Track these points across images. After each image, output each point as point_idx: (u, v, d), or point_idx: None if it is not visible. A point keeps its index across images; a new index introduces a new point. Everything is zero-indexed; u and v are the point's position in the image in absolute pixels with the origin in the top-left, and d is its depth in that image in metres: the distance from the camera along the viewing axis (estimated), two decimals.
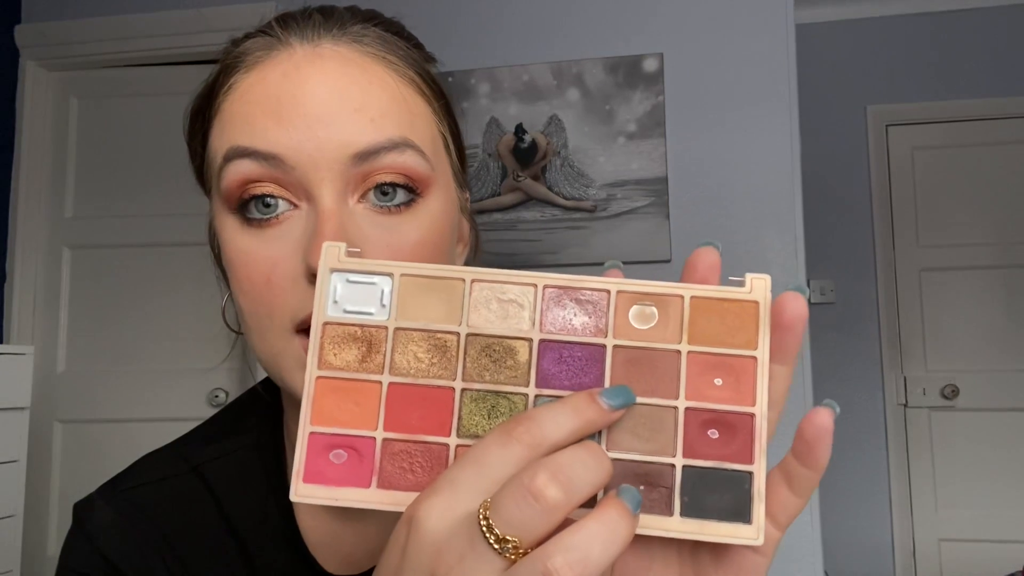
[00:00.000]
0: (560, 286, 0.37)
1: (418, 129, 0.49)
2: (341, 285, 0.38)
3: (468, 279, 0.37)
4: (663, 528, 0.35)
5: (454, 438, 0.36)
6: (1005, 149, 3.16)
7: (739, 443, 0.35)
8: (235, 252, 0.47)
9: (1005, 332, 3.11)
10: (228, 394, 2.45)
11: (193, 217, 2.49)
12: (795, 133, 2.15)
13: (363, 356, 0.37)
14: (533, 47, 2.28)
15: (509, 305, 0.37)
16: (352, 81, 0.47)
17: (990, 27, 3.15)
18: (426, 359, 0.37)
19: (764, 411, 0.36)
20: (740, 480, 0.35)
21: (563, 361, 0.37)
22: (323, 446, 0.36)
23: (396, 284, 0.38)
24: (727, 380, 0.36)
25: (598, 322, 0.37)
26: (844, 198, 3.22)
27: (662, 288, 0.37)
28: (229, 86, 0.48)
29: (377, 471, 0.36)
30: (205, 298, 2.49)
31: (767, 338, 0.36)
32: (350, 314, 0.37)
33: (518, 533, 0.29)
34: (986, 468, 3.07)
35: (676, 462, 0.35)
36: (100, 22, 2.54)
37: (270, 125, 0.45)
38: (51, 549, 2.45)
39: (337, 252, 0.38)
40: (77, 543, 0.55)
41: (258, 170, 0.46)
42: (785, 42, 2.17)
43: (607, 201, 2.21)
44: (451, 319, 0.37)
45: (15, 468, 2.02)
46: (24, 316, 2.53)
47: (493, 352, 0.37)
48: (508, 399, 0.36)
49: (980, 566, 2.99)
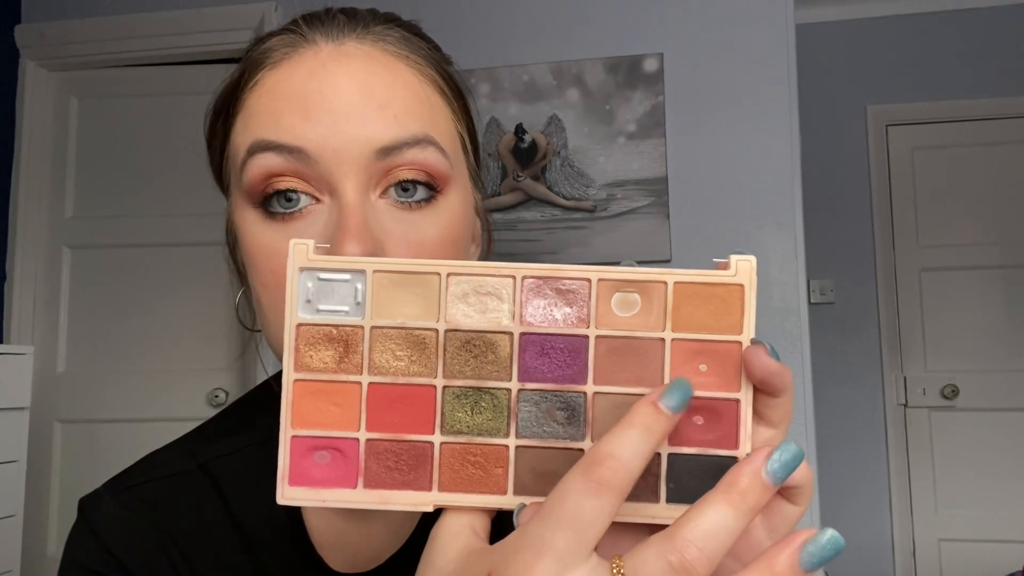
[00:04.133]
0: (539, 276, 0.36)
1: (439, 127, 0.49)
2: (312, 283, 0.36)
3: (444, 273, 0.36)
4: (650, 515, 0.35)
5: (438, 435, 0.36)
6: (1005, 149, 3.16)
7: (724, 429, 0.35)
8: (257, 246, 0.48)
9: (1005, 332, 3.11)
10: (228, 394, 2.45)
11: (193, 217, 2.49)
12: (795, 133, 2.15)
13: (340, 357, 0.36)
14: (533, 47, 2.28)
15: (488, 298, 0.36)
16: (377, 78, 0.47)
17: (990, 27, 3.15)
18: (405, 357, 0.36)
19: (749, 397, 0.35)
20: (725, 465, 0.35)
21: (545, 354, 0.36)
22: (306, 448, 0.36)
23: (369, 281, 0.36)
24: (712, 366, 0.36)
25: (580, 312, 0.36)
26: (844, 198, 3.22)
27: (644, 275, 0.36)
28: (255, 82, 0.49)
29: (363, 471, 0.36)
30: (205, 298, 2.49)
31: (752, 321, 0.36)
32: (324, 313, 0.36)
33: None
34: (986, 468, 3.07)
35: (662, 450, 0.35)
36: (100, 22, 2.54)
37: (296, 120, 0.46)
38: (51, 549, 2.45)
39: (305, 250, 0.37)
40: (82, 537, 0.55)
41: (282, 164, 0.46)
42: (785, 42, 2.17)
43: (607, 201, 2.21)
44: (428, 315, 0.36)
45: (15, 468, 2.02)
46: (24, 316, 2.53)
47: (473, 347, 0.36)
48: (491, 394, 0.36)
49: (980, 566, 2.99)
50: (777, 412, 0.36)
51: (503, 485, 0.36)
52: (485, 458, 0.36)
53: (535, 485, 0.36)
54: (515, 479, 0.36)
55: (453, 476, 0.36)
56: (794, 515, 0.36)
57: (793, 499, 0.35)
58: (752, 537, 0.36)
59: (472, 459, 0.36)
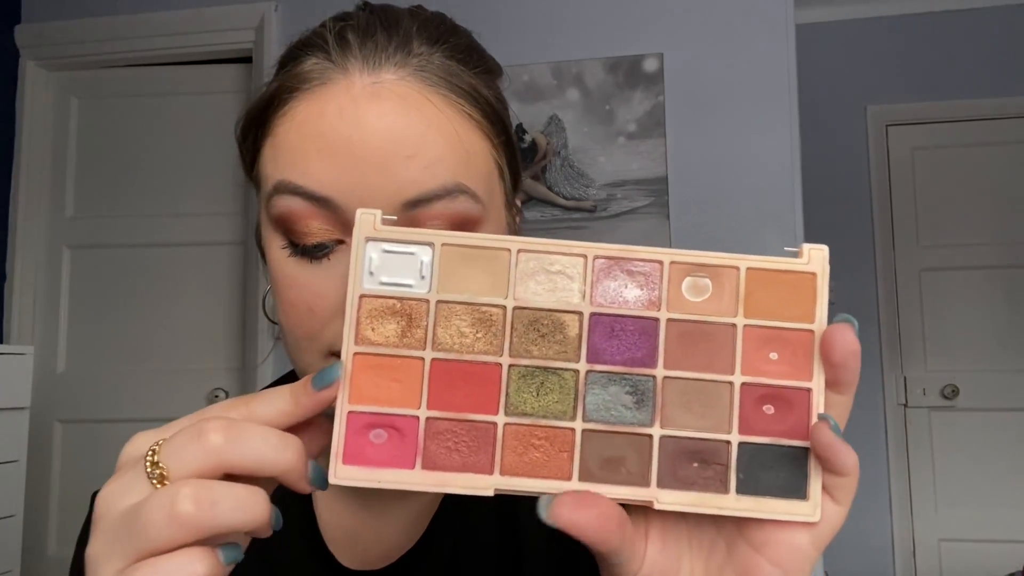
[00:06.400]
0: (611, 256, 0.36)
1: (473, 169, 0.47)
2: (377, 255, 0.36)
3: (514, 249, 0.36)
4: (718, 506, 0.34)
5: (502, 416, 0.35)
6: (1005, 149, 3.16)
7: (795, 418, 0.34)
8: (280, 275, 0.48)
9: (1005, 332, 3.10)
10: (228, 394, 2.44)
11: (193, 217, 2.49)
12: (795, 133, 2.15)
13: (403, 331, 0.35)
14: (533, 47, 2.27)
15: (557, 277, 0.36)
16: (408, 125, 0.45)
17: (990, 27, 3.15)
18: (470, 334, 0.35)
19: (821, 386, 0.34)
20: (796, 456, 0.34)
21: (615, 335, 0.35)
22: (363, 425, 0.35)
23: (437, 254, 0.36)
24: (783, 354, 0.35)
25: (650, 294, 0.36)
26: (844, 198, 3.22)
27: (717, 259, 0.36)
28: (285, 111, 0.47)
29: (421, 451, 0.35)
30: (205, 298, 2.49)
31: (824, 310, 0.35)
32: (387, 286, 0.36)
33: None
34: (986, 468, 3.07)
35: (732, 439, 0.34)
36: (100, 22, 2.54)
37: (323, 166, 0.45)
38: (51, 549, 2.44)
39: (372, 220, 0.36)
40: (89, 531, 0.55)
41: (308, 209, 0.45)
42: (785, 42, 2.17)
43: (607, 201, 2.21)
44: (496, 291, 0.36)
45: (15, 468, 2.02)
46: (24, 316, 2.53)
47: (541, 326, 0.35)
48: (558, 375, 0.35)
49: (980, 566, 2.99)
50: (842, 493, 0.35)
51: (567, 471, 0.34)
52: (550, 442, 0.35)
53: (600, 472, 0.35)
54: (580, 465, 0.35)
55: (516, 459, 0.35)
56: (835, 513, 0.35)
57: (834, 497, 0.35)
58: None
59: (536, 442, 0.35)
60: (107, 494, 0.32)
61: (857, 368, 0.34)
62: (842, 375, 0.34)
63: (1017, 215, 3.12)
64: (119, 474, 0.33)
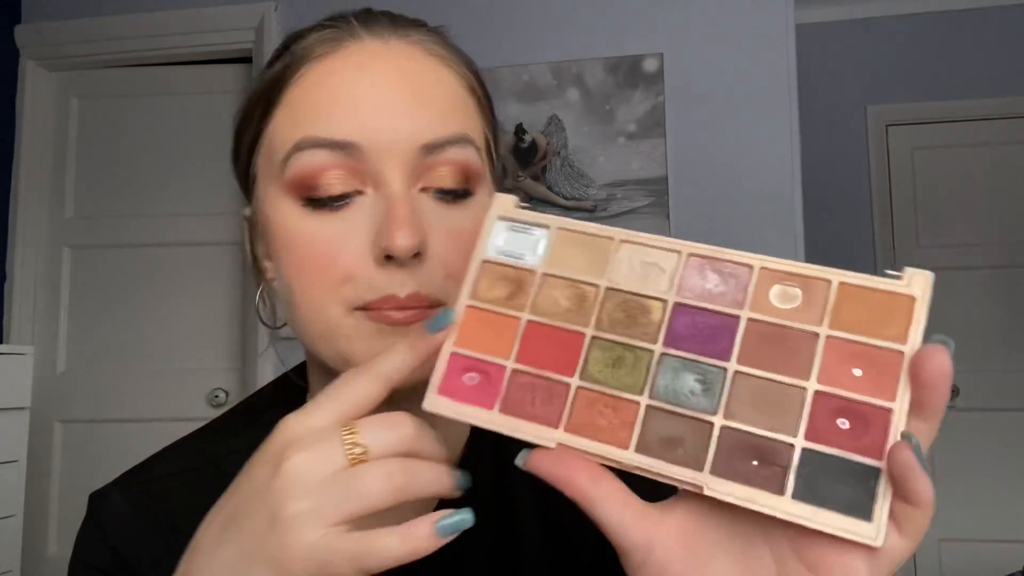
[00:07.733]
0: (704, 255, 0.38)
1: (473, 128, 0.52)
2: (504, 232, 0.42)
3: (617, 239, 0.40)
4: (771, 506, 0.33)
5: (576, 379, 0.38)
6: (1005, 149, 3.16)
7: (870, 437, 0.33)
8: (296, 234, 0.48)
9: (1006, 332, 3.10)
10: (228, 394, 2.45)
11: (193, 217, 2.49)
12: (795, 133, 2.15)
13: (511, 294, 0.40)
14: (533, 47, 2.27)
15: (651, 268, 0.39)
16: (421, 77, 0.50)
17: (990, 27, 3.15)
18: (565, 304, 0.39)
19: (904, 408, 0.33)
20: (866, 474, 0.32)
21: (695, 326, 0.37)
22: (460, 367, 0.39)
23: (552, 236, 0.41)
24: (867, 371, 0.34)
25: (736, 295, 0.37)
26: (844, 198, 3.21)
27: (810, 270, 0.36)
28: (298, 77, 0.50)
29: (502, 396, 0.38)
30: (205, 298, 2.49)
31: (920, 335, 0.34)
32: (507, 256, 0.41)
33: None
34: (986, 468, 3.07)
35: (796, 442, 0.34)
36: (100, 22, 2.54)
37: (348, 115, 0.47)
38: (51, 549, 2.44)
39: (508, 203, 0.42)
40: (89, 534, 0.55)
41: (330, 159, 0.47)
42: (785, 42, 2.17)
43: (607, 201, 2.21)
44: (594, 273, 0.39)
45: (15, 468, 2.02)
46: (24, 316, 2.52)
47: (628, 308, 0.38)
48: (634, 352, 0.37)
49: (980, 566, 2.99)
50: (911, 525, 0.32)
51: (626, 440, 0.36)
52: (615, 411, 0.37)
53: (657, 448, 0.35)
54: (639, 437, 0.36)
55: (580, 420, 0.37)
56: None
57: (900, 528, 0.33)
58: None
59: (602, 409, 0.37)
60: (301, 463, 0.36)
61: (946, 393, 0.32)
62: (929, 397, 0.33)
63: (1017, 215, 3.12)
64: (307, 451, 0.36)
